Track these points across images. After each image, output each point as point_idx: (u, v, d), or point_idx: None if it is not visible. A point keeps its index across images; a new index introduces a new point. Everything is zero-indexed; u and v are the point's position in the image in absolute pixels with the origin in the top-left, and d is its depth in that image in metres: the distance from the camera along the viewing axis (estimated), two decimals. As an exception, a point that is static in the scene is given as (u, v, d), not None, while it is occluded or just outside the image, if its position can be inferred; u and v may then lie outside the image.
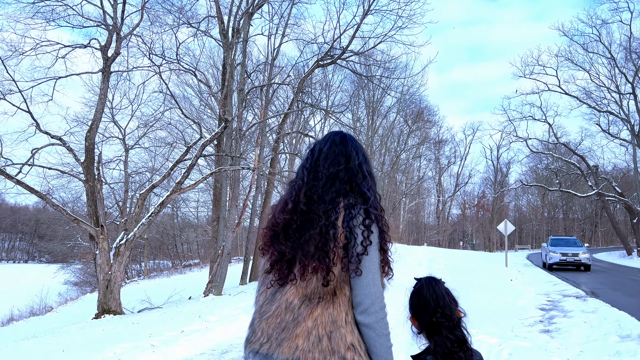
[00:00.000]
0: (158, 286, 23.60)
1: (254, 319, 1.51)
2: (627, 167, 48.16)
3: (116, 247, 10.87)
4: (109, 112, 23.19)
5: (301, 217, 1.47)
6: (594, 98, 35.47)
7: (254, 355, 1.45)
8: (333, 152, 1.56)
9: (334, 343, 1.36)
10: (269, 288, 1.50)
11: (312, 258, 1.41)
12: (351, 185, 1.52)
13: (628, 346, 5.61)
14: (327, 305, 1.40)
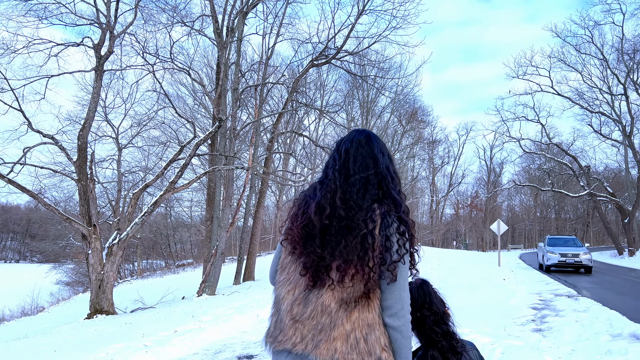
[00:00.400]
0: (151, 286, 23.50)
1: (282, 318, 1.54)
2: (619, 168, 48.60)
3: (109, 246, 10.81)
4: (102, 111, 23.05)
5: (339, 222, 1.51)
6: (586, 99, 35.77)
7: (287, 354, 1.50)
8: (361, 155, 1.60)
9: (370, 345, 1.43)
10: (300, 286, 1.53)
11: (353, 265, 1.45)
12: (382, 190, 1.56)
13: (619, 345, 5.67)
14: (363, 309, 1.46)
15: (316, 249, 1.52)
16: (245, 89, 16.38)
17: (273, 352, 1.57)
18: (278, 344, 1.53)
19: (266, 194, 20.00)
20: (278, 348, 1.53)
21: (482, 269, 18.50)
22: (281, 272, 1.63)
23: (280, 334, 1.53)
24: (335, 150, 1.66)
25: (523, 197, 70.84)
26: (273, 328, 1.57)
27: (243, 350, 5.78)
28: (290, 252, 1.59)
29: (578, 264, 17.46)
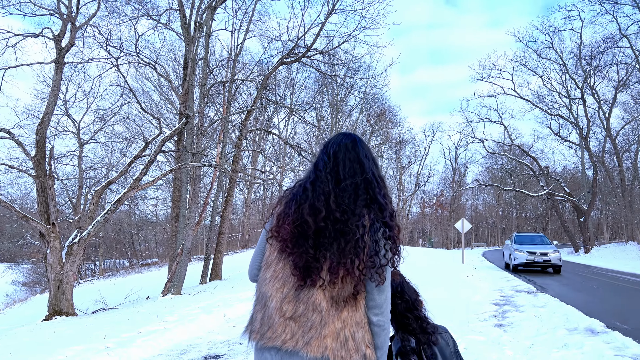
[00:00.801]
0: (114, 286, 22.84)
1: (270, 315, 1.57)
2: (576, 169, 50.76)
3: (69, 245, 10.43)
4: (62, 104, 22.23)
5: (334, 225, 1.56)
6: (546, 102, 37.16)
7: (276, 351, 1.54)
8: (349, 159, 1.65)
9: (357, 342, 1.51)
10: (289, 285, 1.57)
11: (345, 268, 1.51)
12: (369, 195, 1.62)
13: (575, 339, 5.92)
14: (352, 308, 1.54)
15: (309, 249, 1.55)
16: (213, 85, 16.14)
17: (259, 349, 1.59)
18: (267, 341, 1.56)
19: (234, 192, 19.77)
20: (267, 345, 1.56)
21: (446, 266, 18.95)
22: (266, 269, 1.64)
23: (268, 330, 1.56)
24: (323, 153, 1.69)
25: (486, 197, 72.95)
26: (259, 325, 1.59)
27: (209, 350, 5.71)
28: (279, 250, 1.61)
29: (547, 263, 16.65)
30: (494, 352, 5.33)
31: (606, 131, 33.81)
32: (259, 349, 1.60)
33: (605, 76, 33.93)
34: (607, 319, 7.37)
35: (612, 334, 6.03)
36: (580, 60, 33.56)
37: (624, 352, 5.23)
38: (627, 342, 5.60)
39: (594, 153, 34.79)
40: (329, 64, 18.86)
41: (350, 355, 1.49)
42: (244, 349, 5.75)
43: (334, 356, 1.48)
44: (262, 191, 52.11)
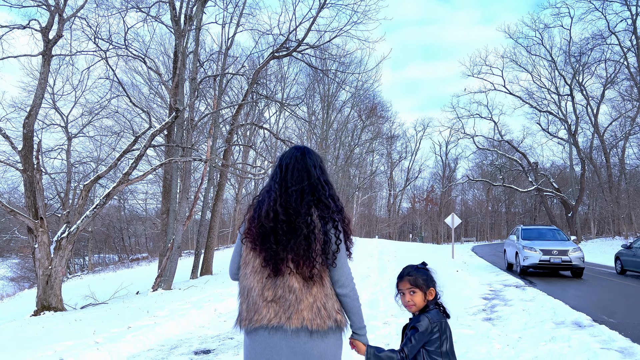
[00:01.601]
0: (103, 281, 22.68)
1: (254, 302, 1.89)
2: (564, 165, 51.28)
3: (57, 240, 10.32)
4: (49, 98, 21.91)
5: (285, 225, 1.90)
6: (535, 98, 37.47)
7: (263, 329, 1.86)
8: (297, 168, 1.99)
9: (328, 310, 1.88)
10: (266, 278, 1.90)
11: (302, 257, 1.86)
12: (315, 197, 1.96)
13: (562, 332, 6.01)
14: (319, 284, 1.89)
15: (272, 245, 1.89)
16: (203, 79, 16.02)
17: (249, 332, 1.91)
18: (255, 323, 1.88)
19: (225, 187, 19.69)
20: (255, 326, 1.88)
21: (436, 261, 19.08)
22: (245, 267, 1.98)
23: (255, 314, 1.88)
24: (277, 165, 2.04)
25: (476, 192, 73.47)
26: (246, 312, 1.92)
27: (200, 345, 5.70)
28: (251, 248, 1.95)
29: (566, 265, 13.14)
30: (483, 346, 5.39)
31: (594, 127, 34.20)
32: (249, 332, 1.91)
33: (593, 73, 34.31)
34: (593, 313, 7.48)
35: (598, 328, 6.13)
36: (569, 57, 33.85)
37: (610, 345, 5.32)
38: (613, 336, 5.69)
39: (582, 149, 35.20)
40: (320, 59, 18.81)
41: (324, 322, 1.86)
42: (235, 343, 5.75)
43: (311, 324, 1.84)
44: (253, 186, 51.99)
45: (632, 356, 4.87)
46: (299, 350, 1.84)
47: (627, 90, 32.46)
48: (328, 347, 1.88)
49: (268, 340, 1.86)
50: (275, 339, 1.85)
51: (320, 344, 1.86)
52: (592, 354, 4.97)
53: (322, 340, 1.86)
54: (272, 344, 1.86)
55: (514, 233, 16.04)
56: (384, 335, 5.95)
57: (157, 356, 5.26)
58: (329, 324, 1.87)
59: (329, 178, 2.06)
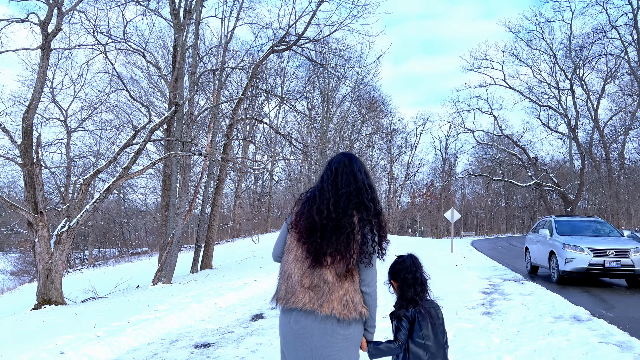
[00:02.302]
0: (103, 275, 22.74)
1: (293, 286, 2.19)
2: (564, 159, 51.29)
3: (57, 234, 10.34)
4: (49, 92, 21.87)
5: (333, 222, 2.15)
6: (535, 93, 37.36)
7: (298, 311, 2.17)
8: (345, 172, 2.25)
9: (355, 304, 2.16)
10: (306, 265, 2.18)
11: (341, 253, 2.13)
12: (359, 199, 2.21)
13: (561, 326, 6.04)
14: (350, 280, 2.17)
15: (317, 239, 2.16)
16: (203, 73, 15.97)
17: (285, 310, 2.22)
18: (291, 304, 2.18)
19: (225, 181, 19.69)
20: (290, 307, 2.18)
21: (436, 255, 19.12)
22: (288, 253, 2.26)
23: (292, 297, 2.18)
24: (327, 168, 2.31)
25: (475, 187, 73.50)
26: (284, 293, 2.22)
27: (200, 339, 5.73)
28: (296, 239, 2.22)
29: (627, 270, 9.72)
30: (482, 340, 5.42)
31: (594, 122, 34.15)
32: (284, 311, 2.23)
33: (594, 67, 34.19)
34: (592, 307, 7.51)
35: (597, 322, 6.16)
36: (569, 52, 33.73)
37: (609, 339, 5.35)
38: (612, 330, 5.72)
39: (581, 144, 35.16)
40: (320, 53, 18.74)
41: (350, 313, 2.14)
42: (234, 337, 5.78)
43: (339, 313, 2.13)
44: (252, 180, 51.97)
45: (630, 350, 4.90)
46: (326, 331, 2.15)
47: (628, 85, 32.39)
48: (351, 332, 2.20)
49: (301, 322, 2.18)
50: (308, 321, 2.16)
51: (345, 329, 2.18)
52: (590, 347, 5.00)
53: (346, 327, 2.18)
54: (305, 325, 2.17)
55: (543, 226, 12.38)
56: (383, 329, 5.98)
57: (158, 350, 5.28)
58: (354, 316, 2.16)
59: (373, 182, 2.31)
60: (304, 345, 2.18)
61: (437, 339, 2.40)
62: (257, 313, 7.33)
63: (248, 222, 48.31)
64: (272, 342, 5.48)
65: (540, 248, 11.97)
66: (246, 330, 6.12)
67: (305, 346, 2.18)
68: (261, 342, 5.48)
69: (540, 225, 12.98)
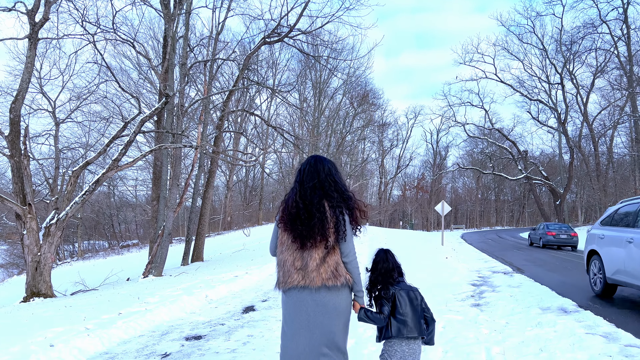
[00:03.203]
0: (93, 267, 22.61)
1: (288, 270, 2.63)
2: (553, 153, 51.76)
3: (46, 226, 10.24)
4: (36, 82, 21.55)
5: (304, 211, 2.63)
6: (526, 87, 37.63)
7: (294, 288, 2.60)
8: (310, 171, 2.73)
9: (340, 272, 2.61)
10: (295, 250, 2.64)
11: (319, 235, 2.59)
12: (323, 191, 2.68)
13: (548, 317, 6.12)
14: (333, 254, 2.62)
15: (298, 227, 2.62)
16: (194, 64, 15.82)
17: (285, 291, 2.66)
18: (288, 284, 2.62)
19: (216, 173, 19.60)
20: (289, 287, 2.62)
21: (426, 248, 19.27)
22: (281, 245, 2.71)
23: (288, 278, 2.62)
24: (297, 170, 2.80)
25: (466, 180, 74.00)
26: (282, 277, 2.66)
27: (191, 331, 5.73)
28: (284, 230, 2.69)
29: None
30: (471, 331, 5.48)
31: (583, 116, 34.47)
32: (285, 291, 2.66)
33: (584, 62, 34.47)
34: (579, 299, 7.63)
35: (583, 313, 6.25)
36: (560, 46, 33.93)
37: (595, 330, 5.44)
38: (598, 321, 5.81)
39: (571, 138, 35.49)
40: (312, 45, 18.65)
41: (337, 280, 2.58)
42: (225, 329, 5.78)
43: (328, 282, 2.56)
44: (244, 173, 51.80)
45: (616, 341, 4.99)
46: (320, 302, 2.58)
47: (617, 80, 32.69)
48: (341, 300, 2.62)
49: (298, 296, 2.61)
50: (304, 294, 2.59)
51: (335, 298, 2.59)
52: (577, 338, 5.08)
53: (337, 294, 2.60)
54: (301, 298, 2.60)
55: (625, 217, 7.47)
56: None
57: (148, 342, 5.28)
58: (342, 281, 2.60)
59: (338, 177, 2.75)
60: (300, 315, 2.61)
61: (415, 316, 2.84)
62: (249, 305, 7.34)
63: (239, 214, 48.21)
64: (263, 334, 5.50)
65: (628, 253, 6.88)
66: (237, 323, 6.13)
67: (301, 315, 2.60)
68: (252, 334, 5.50)
69: (618, 216, 7.76)
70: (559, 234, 22.08)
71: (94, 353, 4.87)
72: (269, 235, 18.76)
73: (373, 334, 2.86)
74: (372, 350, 4.59)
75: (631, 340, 5.00)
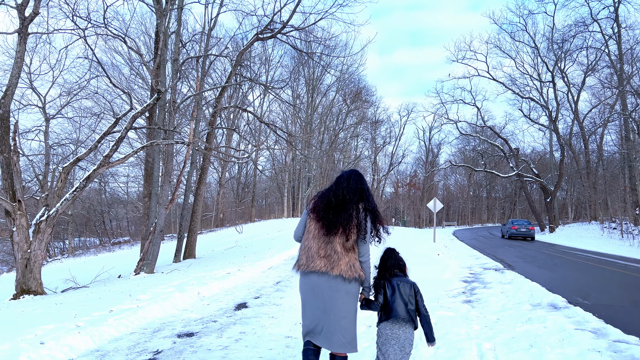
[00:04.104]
0: (84, 265, 22.44)
1: (312, 255, 3.16)
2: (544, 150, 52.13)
3: (36, 223, 10.14)
4: (26, 77, 21.30)
5: (341, 203, 3.19)
6: (518, 85, 37.78)
7: (314, 273, 3.12)
8: (355, 178, 3.31)
9: (356, 268, 3.15)
10: (321, 239, 3.17)
11: (344, 226, 3.11)
12: (362, 194, 3.27)
13: (538, 313, 6.19)
14: (352, 252, 3.16)
15: (330, 215, 3.17)
16: (186, 60, 15.71)
17: (304, 273, 3.18)
18: (310, 268, 3.13)
19: (208, 170, 19.50)
20: (309, 270, 3.14)
21: (418, 244, 19.35)
22: (308, 233, 3.24)
23: (311, 263, 3.13)
24: (341, 175, 3.37)
25: (458, 177, 74.33)
26: (305, 261, 3.17)
27: (183, 328, 5.71)
28: (314, 219, 3.22)
29: None
30: (463, 327, 5.52)
31: (574, 114, 34.72)
32: (304, 274, 3.17)
33: (575, 60, 34.68)
34: (569, 295, 7.71)
35: (573, 309, 6.33)
36: (552, 44, 34.12)
37: (584, 326, 5.50)
38: (587, 317, 5.88)
39: (562, 135, 35.75)
40: (305, 41, 18.61)
41: (352, 273, 3.11)
42: (218, 326, 5.77)
43: (345, 273, 3.09)
44: (236, 170, 51.62)
45: (605, 337, 5.05)
46: (334, 287, 3.10)
47: (607, 78, 32.96)
48: (351, 289, 3.17)
49: (316, 281, 3.13)
50: (322, 280, 3.11)
51: (347, 287, 3.13)
52: (566, 334, 5.14)
53: (349, 283, 3.14)
54: (319, 283, 3.12)
55: None
56: (365, 317, 6.06)
57: (140, 339, 5.25)
58: (355, 275, 3.13)
59: (368, 187, 3.35)
60: (317, 298, 3.13)
61: (400, 305, 3.22)
62: (241, 302, 7.34)
63: (232, 211, 48.08)
64: (256, 331, 5.50)
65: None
66: (230, 320, 6.12)
67: (318, 298, 3.13)
68: (245, 331, 5.50)
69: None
70: (520, 228, 27.98)
71: (85, 350, 4.84)
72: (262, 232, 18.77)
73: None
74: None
75: (620, 335, 5.07)
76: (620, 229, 24.64)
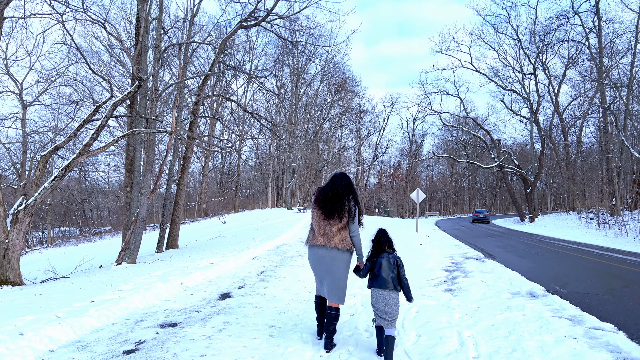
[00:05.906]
0: (64, 255, 22.09)
1: (315, 234, 4.46)
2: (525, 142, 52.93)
3: (14, 213, 9.92)
4: (2, 63, 20.71)
5: (336, 196, 4.41)
6: (500, 77, 38.22)
7: (317, 246, 4.42)
8: (343, 179, 4.54)
9: (347, 242, 4.41)
10: (321, 222, 4.42)
11: (337, 213, 4.36)
12: (350, 191, 4.48)
13: (517, 302, 6.32)
14: (344, 230, 4.42)
15: (328, 204, 4.40)
16: (168, 47, 15.43)
17: (311, 246, 4.49)
18: (314, 243, 4.44)
19: (191, 159, 19.30)
20: (314, 244, 4.45)
21: (401, 234, 19.53)
22: (312, 218, 4.49)
23: (314, 240, 4.46)
24: (335, 176, 4.59)
25: (441, 168, 75.07)
26: (311, 237, 4.51)
27: (166, 319, 5.68)
28: (316, 207, 4.46)
29: None
30: (444, 316, 5.61)
31: (554, 106, 35.29)
32: (311, 247, 4.48)
33: (556, 53, 35.16)
34: (547, 284, 7.89)
35: (551, 297, 6.48)
36: (534, 36, 34.49)
37: (561, 313, 5.64)
38: (564, 305, 6.04)
39: (542, 127, 36.34)
40: (289, 30, 18.43)
41: (345, 246, 4.36)
42: (201, 316, 5.76)
43: (339, 245, 4.35)
44: (220, 159, 51.20)
45: (581, 324, 5.19)
46: (333, 257, 4.36)
47: (587, 71, 33.52)
48: (345, 257, 4.39)
49: (319, 252, 4.40)
50: (323, 251, 4.38)
51: (342, 255, 4.37)
52: (544, 322, 5.27)
53: (342, 253, 4.37)
54: (322, 254, 4.39)
55: None
56: (349, 306, 6.11)
57: (122, 330, 5.21)
58: (347, 247, 4.37)
59: (354, 184, 3.86)
60: (322, 264, 4.41)
61: (387, 274, 4.20)
62: (224, 292, 7.32)
63: (215, 201, 47.76)
64: (239, 321, 5.50)
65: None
66: (213, 310, 6.11)
67: (322, 264, 4.41)
68: (228, 321, 5.49)
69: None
70: (480, 215, 41.80)
71: (66, 341, 4.78)
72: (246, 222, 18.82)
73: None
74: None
75: (595, 323, 5.22)
76: (597, 219, 25.27)
